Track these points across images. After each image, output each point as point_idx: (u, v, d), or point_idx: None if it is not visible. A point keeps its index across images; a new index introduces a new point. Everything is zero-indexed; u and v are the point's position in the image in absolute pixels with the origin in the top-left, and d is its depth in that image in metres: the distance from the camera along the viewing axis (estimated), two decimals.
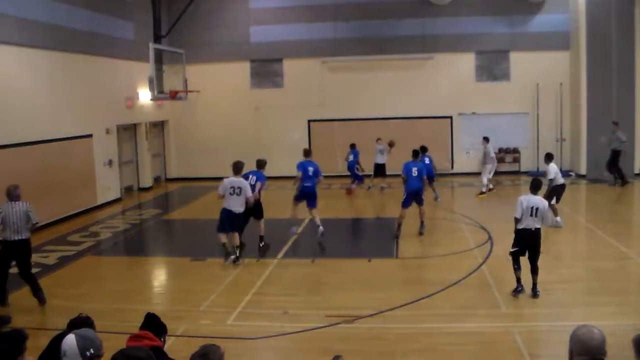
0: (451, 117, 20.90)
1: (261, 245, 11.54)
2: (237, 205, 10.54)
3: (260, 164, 11.83)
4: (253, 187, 11.28)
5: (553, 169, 12.61)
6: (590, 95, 18.98)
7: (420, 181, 12.22)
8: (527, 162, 20.34)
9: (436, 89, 20.62)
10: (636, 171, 19.19)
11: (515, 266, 8.51)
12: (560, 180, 12.71)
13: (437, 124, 20.91)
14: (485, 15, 20.36)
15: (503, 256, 10.18)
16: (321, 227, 12.04)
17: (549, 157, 13.00)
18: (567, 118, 20.26)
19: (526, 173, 20.08)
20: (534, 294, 8.33)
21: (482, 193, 16.87)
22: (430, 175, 16.24)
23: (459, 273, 9.53)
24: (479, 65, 20.74)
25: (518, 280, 8.48)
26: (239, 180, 10.54)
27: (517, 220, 8.41)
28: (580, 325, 3.32)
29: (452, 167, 20.89)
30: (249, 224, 11.69)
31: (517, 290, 8.42)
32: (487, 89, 20.56)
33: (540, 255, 8.41)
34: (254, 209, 11.49)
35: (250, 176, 11.41)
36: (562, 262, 10.23)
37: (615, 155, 17.61)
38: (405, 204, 12.19)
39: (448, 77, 20.62)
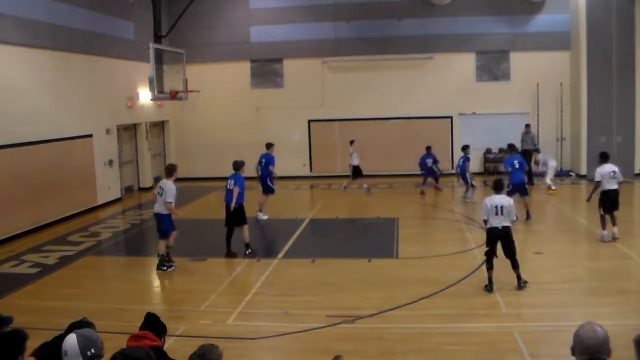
0: (451, 117, 20.90)
1: (247, 252, 11.09)
2: (158, 206, 10.48)
3: (237, 165, 11.36)
4: (230, 192, 11.00)
5: (600, 170, 11.18)
6: (590, 95, 18.98)
7: (522, 173, 13.02)
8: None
9: (436, 89, 20.61)
10: (636, 171, 19.19)
11: (487, 265, 8.69)
12: (609, 185, 11.04)
13: (437, 124, 20.91)
14: (486, 15, 20.36)
15: (503, 256, 10.20)
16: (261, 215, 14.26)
17: (602, 157, 11.44)
18: (567, 118, 20.26)
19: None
20: (519, 286, 8.62)
21: (551, 189, 17.08)
22: (434, 173, 16.82)
23: (459, 273, 9.52)
24: (479, 65, 20.74)
25: (489, 279, 8.67)
26: (164, 182, 10.53)
27: (485, 222, 8.67)
28: (584, 322, 3.28)
29: (452, 167, 20.85)
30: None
31: (487, 288, 8.63)
32: (487, 89, 20.56)
33: (542, 254, 8.38)
34: (235, 216, 11.09)
35: (229, 181, 11.16)
36: (562, 262, 10.22)
37: (528, 155, 18.06)
38: (510, 195, 12.31)
39: (448, 77, 20.62)
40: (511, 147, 14.54)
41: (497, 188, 8.76)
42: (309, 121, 21.39)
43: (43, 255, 11.60)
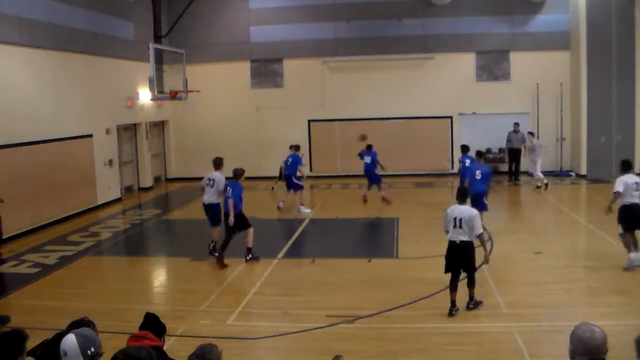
0: (451, 117, 20.89)
1: (248, 258, 10.68)
2: (208, 196, 11.08)
3: (237, 173, 10.82)
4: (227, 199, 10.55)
5: (622, 181, 9.28)
6: (590, 95, 18.99)
7: (484, 184, 11.64)
8: (527, 162, 20.32)
9: (436, 89, 20.60)
10: (636, 171, 19.15)
11: (451, 287, 7.82)
12: (632, 198, 9.19)
13: (437, 124, 20.90)
14: (485, 15, 20.36)
15: (503, 256, 10.20)
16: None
17: (625, 166, 9.61)
18: (567, 118, 20.25)
19: (526, 173, 20.07)
20: (467, 306, 7.91)
21: (546, 186, 16.96)
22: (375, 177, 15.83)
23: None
24: (479, 65, 20.73)
25: (452, 302, 7.78)
26: (213, 174, 11.05)
27: (447, 233, 7.92)
28: (580, 323, 3.27)
29: (452, 167, 20.87)
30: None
31: (451, 312, 7.73)
32: (487, 89, 20.55)
33: (542, 254, 8.27)
34: (238, 222, 10.56)
35: (228, 189, 10.62)
36: (562, 262, 10.22)
37: (517, 153, 18.59)
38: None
39: (448, 77, 20.61)
40: (478, 154, 12.94)
41: (461, 197, 7.91)
42: (309, 121, 21.38)
43: (43, 255, 11.60)
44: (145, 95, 18.52)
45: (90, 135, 16.12)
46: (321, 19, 20.83)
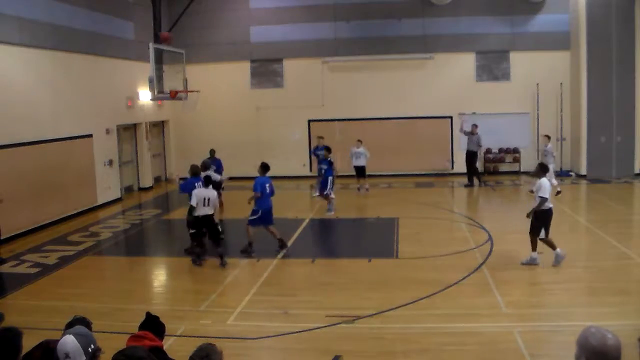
0: (451, 117, 20.89)
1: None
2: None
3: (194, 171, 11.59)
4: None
5: (546, 185, 9.67)
6: (590, 95, 18.99)
7: (270, 199, 11.38)
8: (527, 162, 20.31)
9: (436, 89, 20.60)
10: (636, 171, 19.19)
11: (197, 244, 10.66)
12: (550, 203, 9.73)
13: (437, 124, 20.90)
14: (485, 15, 20.36)
15: (503, 256, 10.21)
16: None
17: (543, 169, 9.97)
18: (567, 118, 20.25)
19: (526, 173, 20.05)
20: (222, 264, 10.35)
21: (557, 192, 15.95)
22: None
23: (459, 273, 9.52)
24: (479, 65, 20.74)
25: (198, 255, 10.59)
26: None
27: (193, 208, 10.30)
28: (588, 328, 2.95)
29: (452, 167, 20.89)
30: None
31: (196, 263, 10.64)
32: (487, 89, 20.54)
33: (542, 254, 8.22)
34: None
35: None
36: (562, 262, 10.21)
37: (472, 156, 18.45)
38: (256, 223, 11.26)
39: (448, 77, 20.61)
40: (264, 167, 11.42)
41: (207, 184, 10.47)
42: (309, 121, 21.38)
43: (43, 255, 11.60)
44: (145, 95, 18.52)
45: (90, 135, 16.12)
46: (321, 19, 20.83)
